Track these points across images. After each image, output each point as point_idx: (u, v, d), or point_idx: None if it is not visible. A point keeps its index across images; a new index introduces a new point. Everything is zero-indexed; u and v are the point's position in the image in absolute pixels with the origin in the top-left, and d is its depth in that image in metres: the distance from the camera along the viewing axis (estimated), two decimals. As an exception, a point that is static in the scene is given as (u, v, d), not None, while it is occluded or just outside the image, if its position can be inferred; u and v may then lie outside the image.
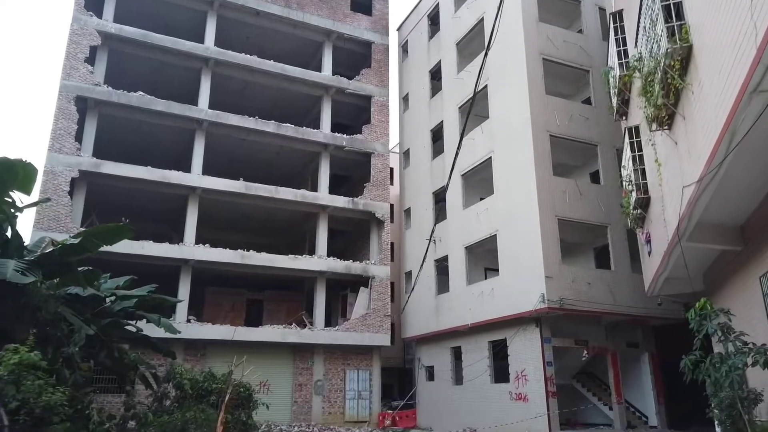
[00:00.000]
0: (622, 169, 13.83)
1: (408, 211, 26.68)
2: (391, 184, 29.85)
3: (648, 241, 12.88)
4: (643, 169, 12.20)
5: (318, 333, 22.98)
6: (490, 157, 20.41)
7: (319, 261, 23.82)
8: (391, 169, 30.58)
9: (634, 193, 12.27)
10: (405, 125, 28.19)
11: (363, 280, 24.79)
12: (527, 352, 17.97)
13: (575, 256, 20.20)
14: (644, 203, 12.26)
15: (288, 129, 24.55)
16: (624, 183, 13.62)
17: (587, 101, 20.78)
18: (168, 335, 20.58)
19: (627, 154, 12.68)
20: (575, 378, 20.48)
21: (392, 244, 28.87)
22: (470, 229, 21.15)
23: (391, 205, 29.26)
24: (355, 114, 27.96)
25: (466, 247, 21.47)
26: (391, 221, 30.08)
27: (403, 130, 28.29)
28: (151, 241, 21.10)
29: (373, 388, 23.90)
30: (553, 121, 18.93)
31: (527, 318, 17.79)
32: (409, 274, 25.62)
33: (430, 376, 23.71)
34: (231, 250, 22.34)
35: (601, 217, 18.72)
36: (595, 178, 20.27)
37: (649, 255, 12.96)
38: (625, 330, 19.25)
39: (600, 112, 20.00)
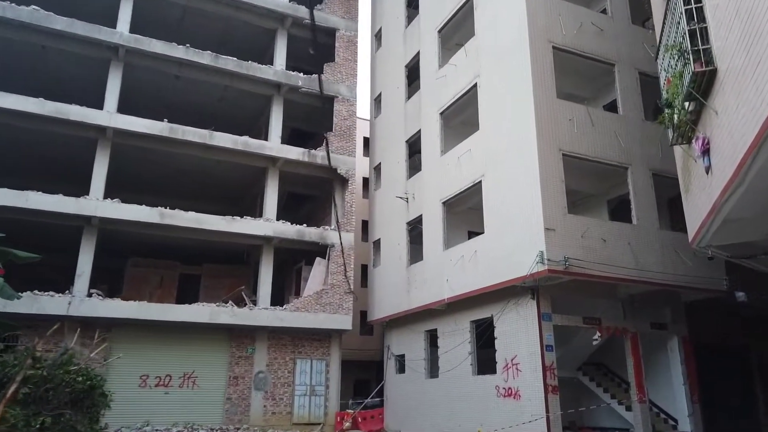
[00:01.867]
0: (659, 55, 9.24)
1: (378, 168, 22.03)
2: (367, 155, 25.24)
3: (705, 152, 8.30)
4: (705, 28, 7.64)
5: (259, 313, 18.33)
6: (476, 84, 15.79)
7: (264, 224, 19.16)
8: (366, 139, 26.16)
9: (689, 68, 7.67)
10: (377, 66, 23.56)
11: (321, 250, 20.18)
12: (520, 334, 13.40)
13: (585, 212, 15.61)
14: (706, 83, 7.67)
15: (229, 62, 19.89)
16: (664, 71, 9.01)
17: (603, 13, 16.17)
18: (57, 312, 16.11)
19: (676, 12, 8.09)
20: (581, 370, 15.92)
21: (367, 224, 24.23)
22: (449, 179, 16.56)
23: (367, 179, 24.74)
24: (317, 57, 23.27)
25: (443, 203, 16.87)
26: (365, 197, 25.52)
27: (375, 72, 23.66)
28: (39, 192, 16.43)
29: (330, 383, 19.29)
30: (557, 29, 14.31)
31: (520, 287, 13.22)
32: (378, 243, 21.04)
33: (401, 367, 19.14)
34: (148, 206, 17.68)
35: (619, 154, 14.12)
36: (611, 109, 15.67)
37: (707, 173, 8.38)
38: (649, 306, 14.63)
39: (619, 24, 15.45)
